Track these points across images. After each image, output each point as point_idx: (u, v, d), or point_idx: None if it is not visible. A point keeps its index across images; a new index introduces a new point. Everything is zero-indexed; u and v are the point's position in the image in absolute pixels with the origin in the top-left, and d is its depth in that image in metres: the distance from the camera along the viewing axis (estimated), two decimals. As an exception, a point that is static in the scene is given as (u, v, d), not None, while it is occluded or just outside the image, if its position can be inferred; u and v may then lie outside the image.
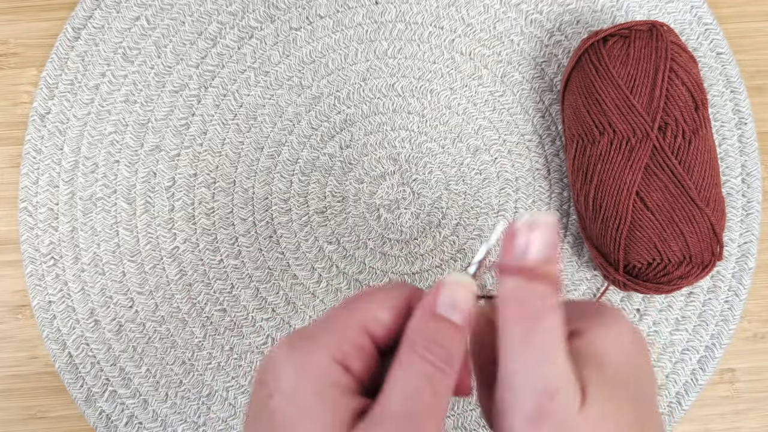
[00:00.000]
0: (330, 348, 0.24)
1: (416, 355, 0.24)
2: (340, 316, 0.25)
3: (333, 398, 0.23)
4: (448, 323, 0.25)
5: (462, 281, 0.26)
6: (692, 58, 0.43)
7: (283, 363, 0.24)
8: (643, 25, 0.43)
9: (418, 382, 0.24)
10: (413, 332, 0.25)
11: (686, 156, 0.41)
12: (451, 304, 0.25)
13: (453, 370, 0.25)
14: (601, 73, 0.43)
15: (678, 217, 0.40)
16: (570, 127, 0.44)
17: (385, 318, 0.25)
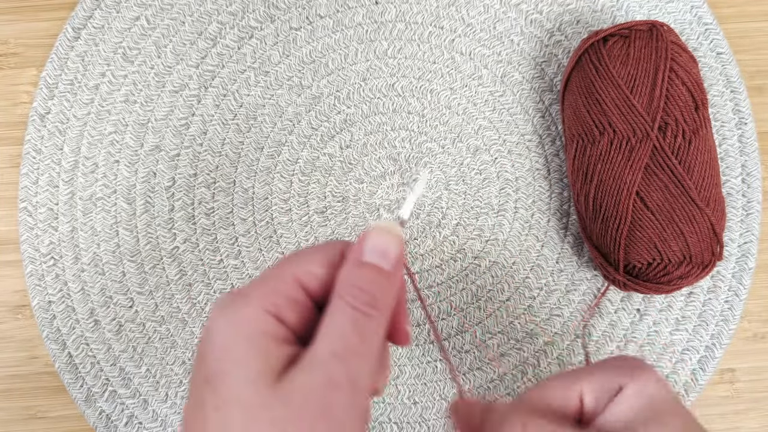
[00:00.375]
0: (261, 301, 0.25)
1: (342, 300, 0.25)
2: (273, 272, 0.26)
3: (264, 346, 0.24)
4: (374, 268, 0.25)
5: (388, 228, 0.26)
6: (692, 58, 0.43)
7: (216, 320, 0.25)
8: (644, 25, 0.43)
9: (344, 326, 0.24)
10: (341, 280, 0.25)
11: (686, 156, 0.41)
12: (377, 250, 0.26)
13: (380, 313, 0.25)
14: (601, 73, 0.43)
15: (678, 217, 0.40)
16: (570, 127, 0.44)
17: (318, 271, 0.26)
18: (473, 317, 0.46)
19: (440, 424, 0.45)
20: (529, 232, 0.47)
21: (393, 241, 0.26)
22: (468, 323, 0.46)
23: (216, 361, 0.24)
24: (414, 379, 0.45)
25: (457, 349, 0.45)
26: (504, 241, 0.47)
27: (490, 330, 0.46)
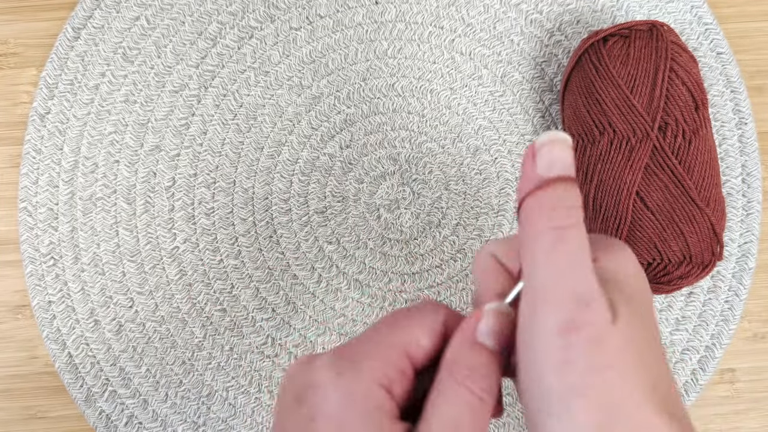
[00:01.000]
0: (375, 373, 0.24)
1: (457, 384, 0.24)
2: (383, 340, 0.25)
3: (379, 423, 0.23)
4: (488, 352, 0.25)
5: (502, 310, 0.25)
6: (692, 58, 0.43)
7: (329, 387, 0.24)
8: (644, 25, 0.43)
9: (459, 411, 0.24)
10: (454, 360, 0.25)
11: (686, 156, 0.41)
12: (491, 332, 0.25)
13: (493, 398, 0.24)
14: (601, 72, 0.43)
15: (678, 217, 0.40)
16: (570, 126, 0.44)
17: (425, 342, 0.25)
18: (473, 317, 0.46)
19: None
20: (529, 232, 0.47)
21: (507, 325, 0.25)
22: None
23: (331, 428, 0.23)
24: (414, 379, 0.45)
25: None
26: (504, 241, 0.47)
27: (490, 330, 0.46)
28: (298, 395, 0.24)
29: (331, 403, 0.24)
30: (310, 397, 0.24)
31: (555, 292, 0.23)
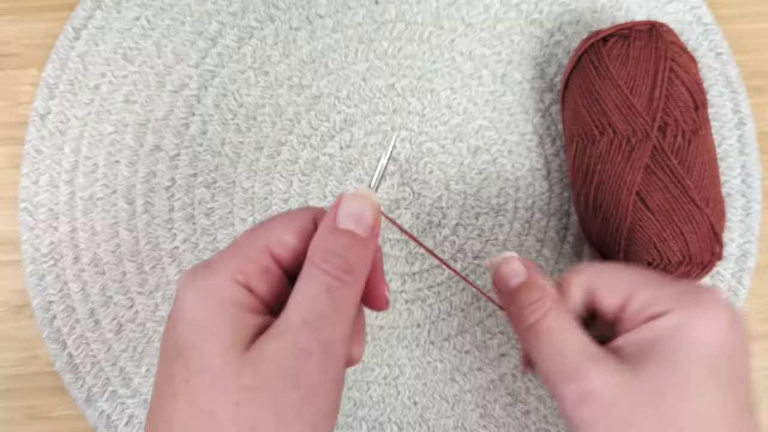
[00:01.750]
0: (230, 270, 0.24)
1: (315, 267, 0.24)
2: (243, 239, 0.26)
3: (233, 316, 0.24)
4: (348, 234, 0.25)
5: (363, 194, 0.26)
6: (692, 58, 0.43)
7: (184, 290, 0.24)
8: (643, 26, 0.43)
9: (316, 291, 0.24)
10: (314, 246, 0.25)
11: (686, 156, 0.41)
12: (351, 215, 0.25)
13: (354, 279, 0.25)
14: (600, 73, 0.43)
15: (678, 217, 0.40)
16: (570, 127, 0.44)
17: (289, 240, 0.26)
18: (473, 317, 0.46)
19: (440, 424, 0.45)
20: (529, 232, 0.47)
21: (368, 206, 0.26)
22: (468, 322, 0.46)
23: (186, 333, 0.23)
24: (414, 380, 0.45)
25: (457, 349, 0.45)
26: (504, 241, 0.47)
27: (490, 330, 0.46)
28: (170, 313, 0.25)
29: (187, 305, 0.24)
30: (175, 307, 0.25)
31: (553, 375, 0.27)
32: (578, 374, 0.25)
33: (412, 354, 0.45)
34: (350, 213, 0.25)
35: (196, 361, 0.23)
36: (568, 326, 0.28)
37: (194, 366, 0.23)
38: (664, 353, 0.25)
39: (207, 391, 0.23)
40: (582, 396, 0.25)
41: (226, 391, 0.22)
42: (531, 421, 0.45)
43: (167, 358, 0.24)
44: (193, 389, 0.23)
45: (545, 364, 0.28)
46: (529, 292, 0.30)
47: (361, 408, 0.45)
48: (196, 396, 0.23)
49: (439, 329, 0.46)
